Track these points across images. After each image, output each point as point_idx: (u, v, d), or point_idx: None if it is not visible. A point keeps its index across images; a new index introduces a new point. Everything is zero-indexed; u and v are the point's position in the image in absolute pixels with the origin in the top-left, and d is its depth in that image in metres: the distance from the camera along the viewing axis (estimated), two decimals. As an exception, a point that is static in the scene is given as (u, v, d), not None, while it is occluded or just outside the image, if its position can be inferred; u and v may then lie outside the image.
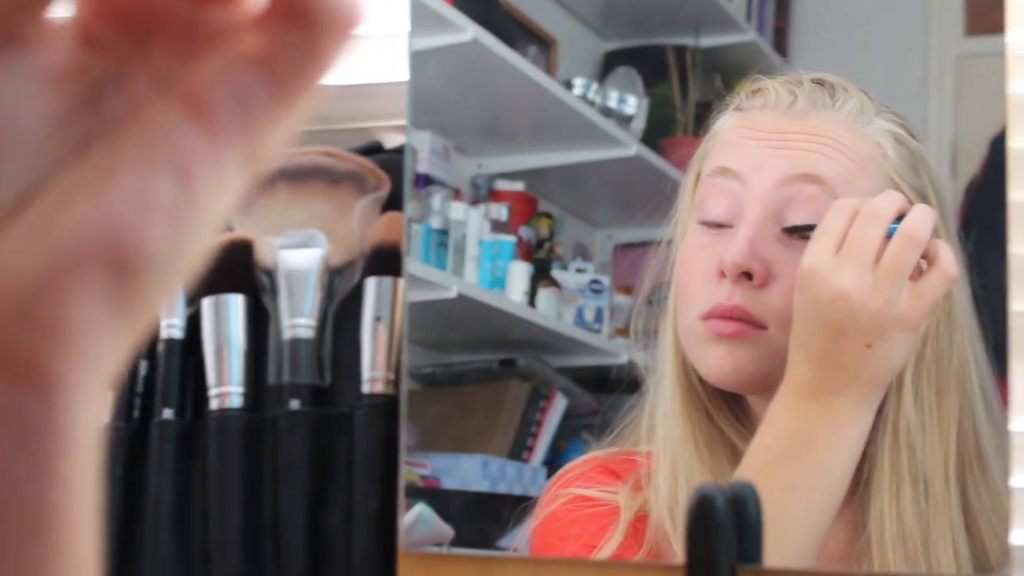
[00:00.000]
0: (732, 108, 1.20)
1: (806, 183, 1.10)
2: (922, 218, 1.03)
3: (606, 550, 1.14)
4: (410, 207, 2.44)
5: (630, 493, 1.16)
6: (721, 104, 1.22)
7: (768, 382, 1.09)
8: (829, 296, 1.00)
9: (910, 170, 1.13)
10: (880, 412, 1.10)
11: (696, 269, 1.13)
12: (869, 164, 1.12)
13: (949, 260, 1.04)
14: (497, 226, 2.82)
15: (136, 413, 0.98)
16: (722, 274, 1.10)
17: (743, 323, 1.09)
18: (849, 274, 1.01)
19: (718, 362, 1.10)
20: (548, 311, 2.81)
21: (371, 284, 1.02)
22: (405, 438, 1.08)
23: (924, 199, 1.12)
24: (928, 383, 1.10)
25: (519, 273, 1.63)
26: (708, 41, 3.16)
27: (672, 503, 1.10)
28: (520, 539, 1.23)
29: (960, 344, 1.11)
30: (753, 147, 1.13)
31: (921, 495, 1.08)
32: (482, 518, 1.38)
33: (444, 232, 2.69)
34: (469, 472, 1.40)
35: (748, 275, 1.09)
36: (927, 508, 1.08)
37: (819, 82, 1.17)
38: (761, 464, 1.02)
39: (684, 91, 3.11)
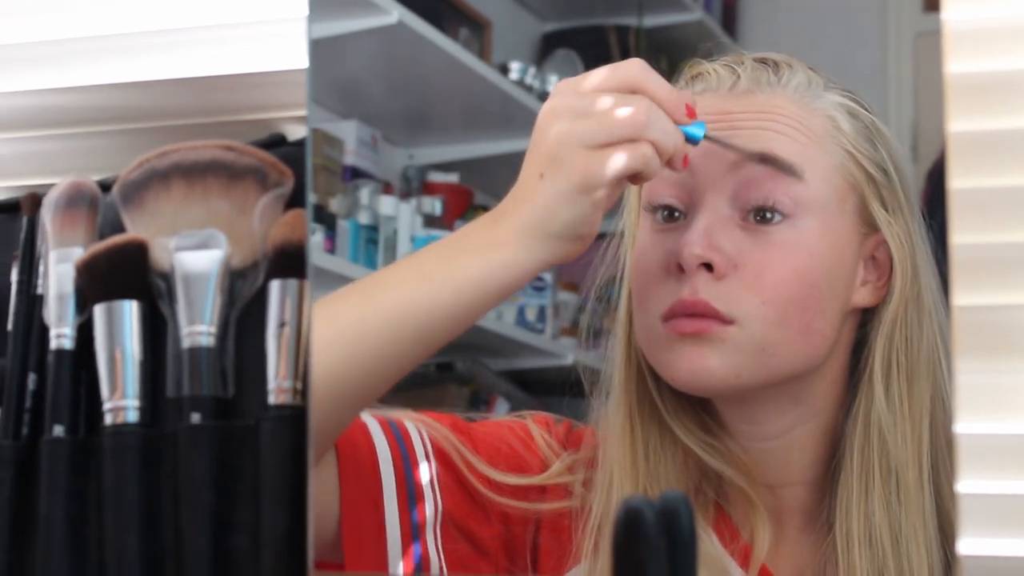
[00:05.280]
0: (673, 97, 1.14)
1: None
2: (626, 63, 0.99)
3: (501, 476, 1.10)
4: (336, 201, 2.38)
5: (566, 463, 1.13)
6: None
7: (741, 384, 1.04)
8: (537, 122, 0.98)
9: (867, 142, 1.09)
10: (850, 404, 1.08)
11: (650, 268, 1.08)
12: (823, 138, 1.08)
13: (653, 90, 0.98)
14: (431, 221, 2.75)
15: (25, 430, 0.96)
16: (680, 269, 1.05)
17: (708, 319, 1.04)
18: (553, 99, 0.99)
19: (687, 365, 1.04)
20: (487, 311, 2.77)
21: (275, 287, 0.99)
22: (313, 451, 1.03)
23: (884, 172, 1.09)
24: (899, 370, 1.07)
25: (454, 271, 1.49)
26: (652, 21, 3.11)
27: (603, 521, 1.06)
28: None
29: (929, 328, 1.08)
30: None
31: (892, 491, 1.06)
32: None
33: (374, 228, 2.62)
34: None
35: (708, 267, 1.04)
36: (898, 506, 1.06)
37: (762, 60, 1.12)
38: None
39: (627, 74, 3.06)
